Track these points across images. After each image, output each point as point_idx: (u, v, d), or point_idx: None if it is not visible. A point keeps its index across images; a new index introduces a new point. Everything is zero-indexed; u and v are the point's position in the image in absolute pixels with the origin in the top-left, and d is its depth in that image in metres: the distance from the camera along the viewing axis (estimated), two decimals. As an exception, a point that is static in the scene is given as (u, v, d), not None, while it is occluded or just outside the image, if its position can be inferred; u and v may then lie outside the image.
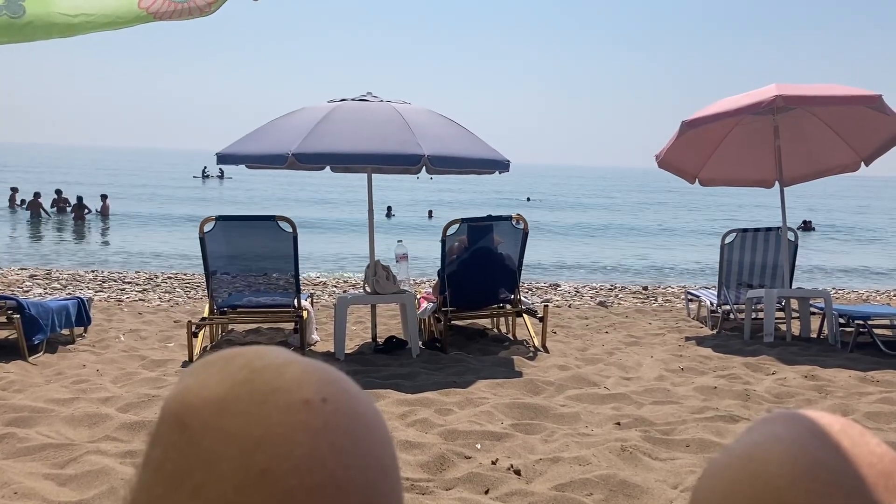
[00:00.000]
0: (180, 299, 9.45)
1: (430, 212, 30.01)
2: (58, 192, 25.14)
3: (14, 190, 26.21)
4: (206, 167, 56.62)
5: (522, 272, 7.01)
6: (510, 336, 7.26)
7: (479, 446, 4.14)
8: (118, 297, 9.51)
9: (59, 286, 10.22)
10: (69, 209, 24.14)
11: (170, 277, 11.64)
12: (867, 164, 7.81)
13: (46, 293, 9.44)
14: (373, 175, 6.79)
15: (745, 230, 7.97)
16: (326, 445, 0.40)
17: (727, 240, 7.90)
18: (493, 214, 6.90)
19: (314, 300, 8.43)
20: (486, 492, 3.57)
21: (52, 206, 24.38)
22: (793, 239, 7.81)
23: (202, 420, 0.41)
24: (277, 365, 0.43)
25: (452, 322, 6.83)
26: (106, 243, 19.86)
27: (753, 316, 7.48)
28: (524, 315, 6.81)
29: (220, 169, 51.37)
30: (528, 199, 43.04)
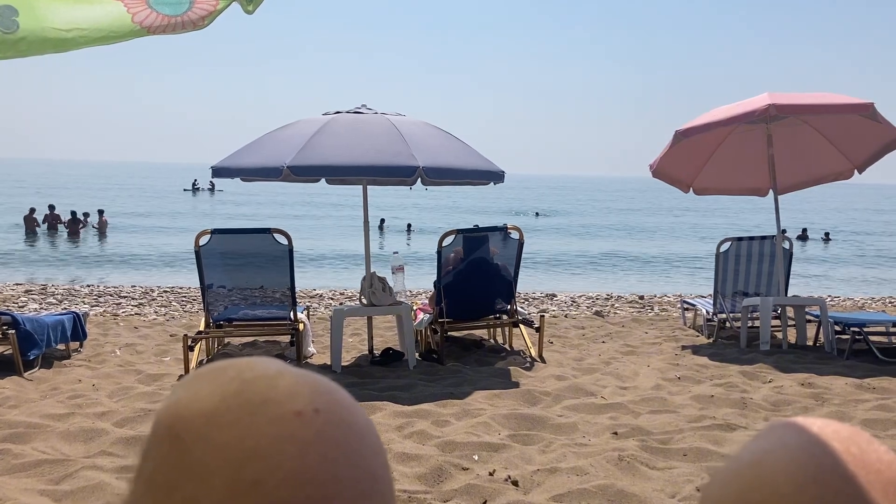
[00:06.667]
0: (176, 313, 9.43)
1: (409, 225, 29.53)
2: (51, 207, 24.92)
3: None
4: (195, 180, 56.53)
5: (518, 282, 7.02)
6: (507, 346, 7.25)
7: (476, 457, 4.13)
8: (114, 311, 9.48)
9: (54, 301, 10.19)
10: (63, 224, 23.92)
11: (166, 291, 11.61)
12: (860, 172, 7.85)
13: (42, 308, 9.41)
14: (368, 187, 6.81)
15: (739, 238, 7.99)
16: (317, 457, 0.40)
17: (722, 248, 7.91)
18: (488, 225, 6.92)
19: (310, 312, 8.42)
20: (484, 503, 3.56)
21: (43, 222, 24.15)
22: (787, 247, 7.82)
23: (193, 432, 0.41)
24: (269, 376, 0.43)
25: (449, 333, 6.83)
26: (101, 258, 19.82)
27: (749, 324, 7.49)
28: (521, 325, 6.81)
29: (211, 182, 51.28)
30: (538, 215, 42.72)
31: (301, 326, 6.37)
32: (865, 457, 0.43)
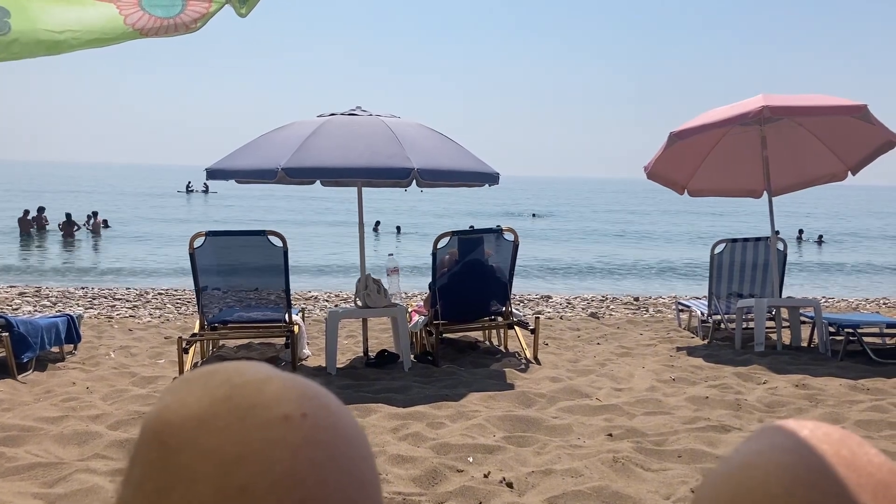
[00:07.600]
0: (171, 315, 9.41)
1: (399, 228, 29.35)
2: (39, 209, 24.77)
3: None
4: (189, 182, 56.40)
5: (513, 284, 7.02)
6: (502, 348, 7.25)
7: (471, 459, 4.13)
8: (108, 313, 9.45)
9: (48, 303, 10.16)
10: (51, 227, 23.75)
11: (160, 293, 11.58)
12: (854, 174, 7.87)
13: (36, 311, 9.38)
14: (363, 189, 6.80)
15: (734, 240, 8.01)
16: (306, 461, 0.40)
17: (717, 250, 7.93)
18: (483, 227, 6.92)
19: (305, 314, 8.40)
20: (479, 505, 3.56)
21: (31, 225, 24.02)
22: (781, 248, 7.84)
23: (181, 437, 0.41)
24: (257, 381, 0.43)
25: (444, 335, 6.82)
26: (96, 260, 19.77)
27: (744, 325, 7.50)
28: (516, 327, 6.81)
29: (205, 184, 51.18)
30: (534, 216, 42.73)
31: (296, 328, 6.36)
32: (856, 459, 0.43)
